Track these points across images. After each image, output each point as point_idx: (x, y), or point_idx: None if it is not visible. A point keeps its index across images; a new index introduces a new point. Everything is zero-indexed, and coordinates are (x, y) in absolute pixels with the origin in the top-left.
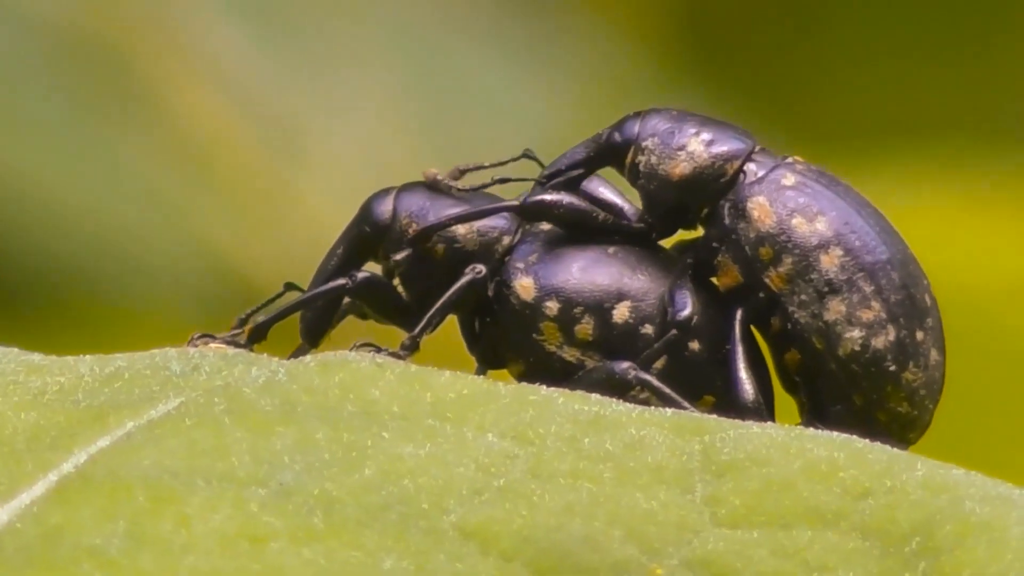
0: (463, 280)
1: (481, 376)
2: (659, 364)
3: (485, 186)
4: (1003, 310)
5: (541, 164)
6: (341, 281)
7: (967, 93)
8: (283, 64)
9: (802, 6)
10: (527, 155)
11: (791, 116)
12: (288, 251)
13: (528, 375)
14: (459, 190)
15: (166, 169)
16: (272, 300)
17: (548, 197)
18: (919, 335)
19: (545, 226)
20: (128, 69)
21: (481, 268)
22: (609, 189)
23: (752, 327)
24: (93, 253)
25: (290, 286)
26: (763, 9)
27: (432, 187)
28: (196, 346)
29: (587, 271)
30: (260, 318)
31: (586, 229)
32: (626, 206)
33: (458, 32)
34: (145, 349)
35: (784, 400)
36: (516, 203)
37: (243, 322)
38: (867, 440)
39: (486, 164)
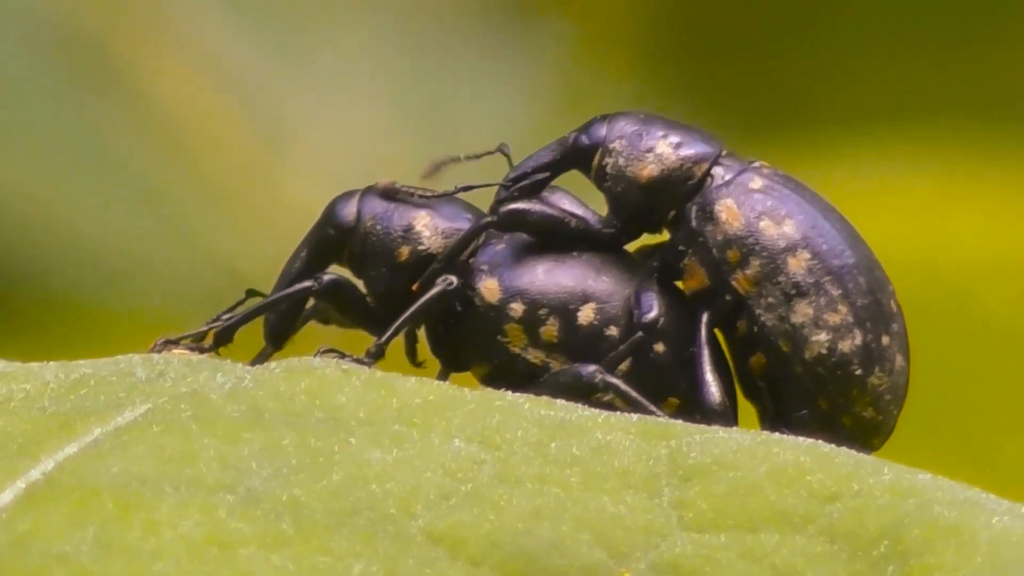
0: (434, 291)
1: (444, 379)
2: (623, 366)
3: (448, 193)
4: (979, 290)
5: (511, 163)
6: (307, 283)
7: (943, 75)
8: (270, 56)
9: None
10: (502, 150)
11: (766, 105)
12: (273, 243)
13: (493, 377)
14: (420, 197)
15: (151, 161)
16: (235, 307)
17: (522, 206)
18: (885, 340)
19: None
20: (114, 61)
21: (453, 280)
22: (570, 199)
23: (716, 331)
24: (76, 246)
25: (252, 292)
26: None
27: (388, 196)
28: (159, 352)
29: (552, 273)
30: (223, 319)
31: (558, 236)
32: (589, 215)
33: (445, 26)
34: (131, 342)
35: (744, 409)
36: (493, 219)
37: (210, 325)
38: (832, 444)
39: (461, 156)
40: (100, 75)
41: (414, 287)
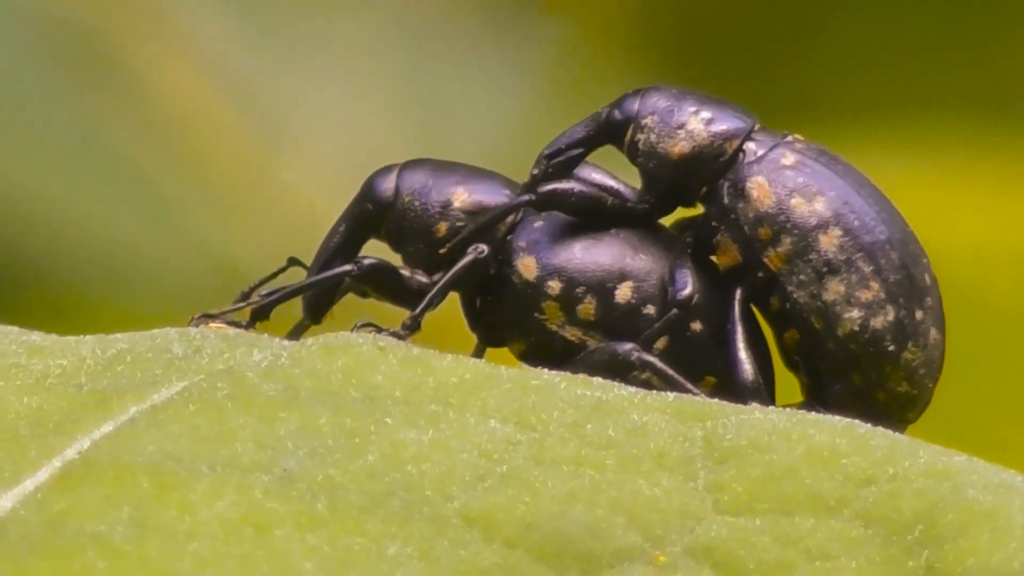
0: (466, 260)
1: (480, 354)
2: (660, 344)
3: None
4: (978, 280)
5: (306, 268)
6: (347, 267)
7: (942, 72)
8: (269, 52)
9: None
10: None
11: (766, 98)
12: (272, 239)
13: (529, 354)
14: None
15: (151, 157)
16: (276, 274)
17: (561, 186)
18: (918, 314)
19: None
20: (113, 57)
21: (484, 248)
22: (602, 173)
23: (752, 305)
24: (78, 243)
25: (293, 261)
26: None
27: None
28: (197, 326)
29: (589, 251)
30: (262, 292)
31: (596, 215)
32: (623, 187)
33: (441, 23)
34: None
35: (786, 376)
36: (530, 197)
37: (246, 296)
38: (869, 425)
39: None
40: (100, 72)
41: (441, 251)
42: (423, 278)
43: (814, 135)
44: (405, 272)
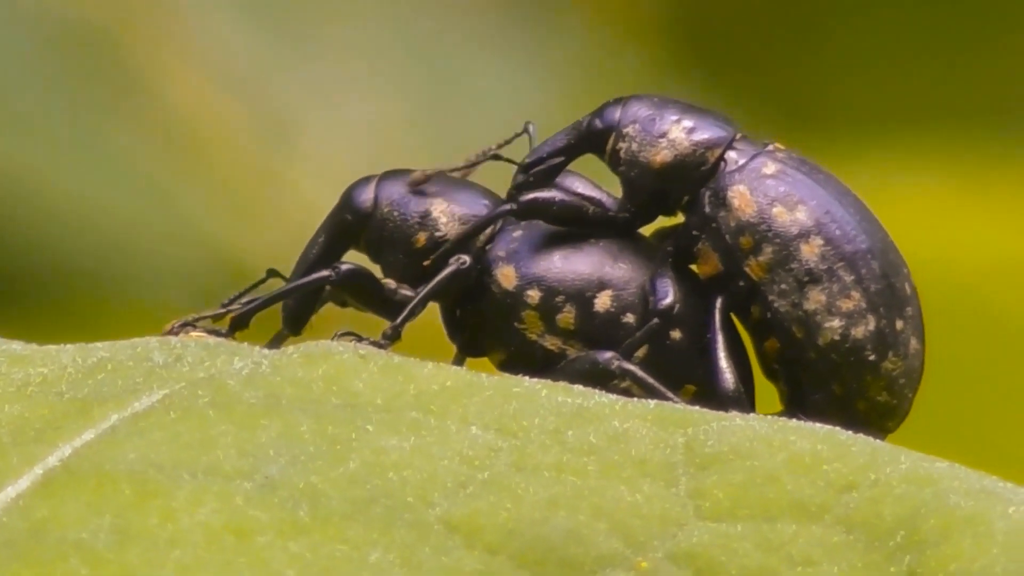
0: (447, 271)
1: (460, 364)
2: (640, 353)
3: (476, 163)
4: (990, 290)
5: (532, 143)
6: (325, 273)
7: (955, 80)
8: (275, 52)
9: None
10: (527, 130)
11: (782, 105)
12: (279, 238)
13: (509, 363)
14: (452, 170)
15: (158, 157)
16: (255, 286)
17: (542, 195)
18: (899, 324)
19: None
20: (120, 57)
21: (465, 259)
22: (583, 182)
23: (732, 315)
24: (84, 241)
25: (273, 272)
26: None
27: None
28: (177, 334)
29: (569, 260)
30: (242, 302)
31: (578, 224)
32: (604, 196)
33: (450, 23)
34: (137, 334)
35: (765, 387)
36: (512, 207)
37: (227, 306)
38: (850, 432)
39: (492, 148)
40: (108, 73)
41: (425, 263)
42: (405, 290)
43: (829, 144)
44: (387, 284)
